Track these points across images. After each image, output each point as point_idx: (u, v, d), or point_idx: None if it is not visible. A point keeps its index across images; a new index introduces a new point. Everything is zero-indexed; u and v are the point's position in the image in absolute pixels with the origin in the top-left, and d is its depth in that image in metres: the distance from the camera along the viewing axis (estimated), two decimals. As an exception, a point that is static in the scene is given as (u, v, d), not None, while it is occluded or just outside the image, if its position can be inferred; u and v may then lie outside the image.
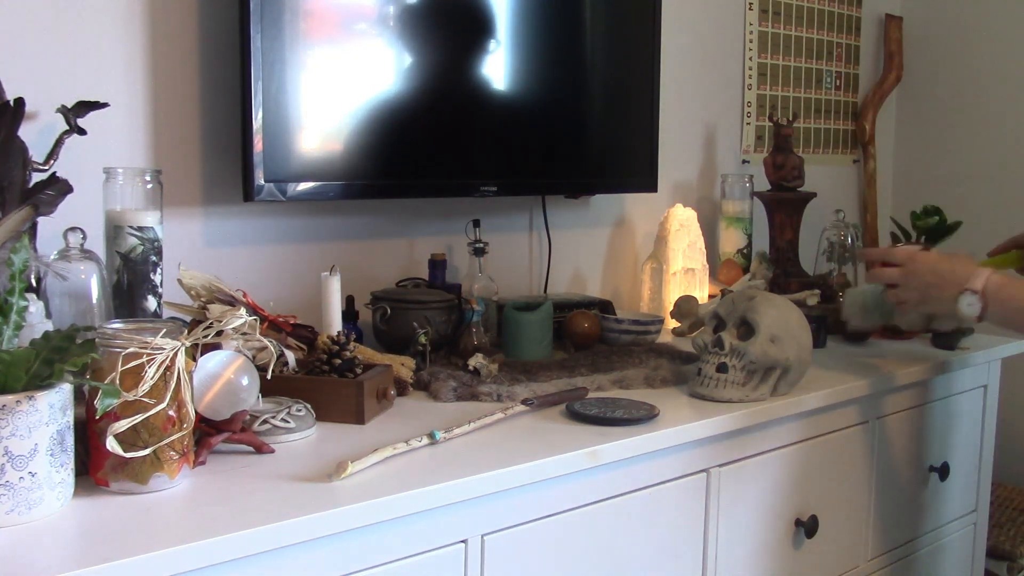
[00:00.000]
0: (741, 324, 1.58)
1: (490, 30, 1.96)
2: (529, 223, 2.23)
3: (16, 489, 1.00)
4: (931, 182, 3.07)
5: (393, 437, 1.28)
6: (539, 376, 1.64)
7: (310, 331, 1.56)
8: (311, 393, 1.40)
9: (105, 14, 1.59)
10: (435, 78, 1.86)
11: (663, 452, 1.44)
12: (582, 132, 2.14)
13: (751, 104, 2.71)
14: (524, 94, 2.03)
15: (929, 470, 1.97)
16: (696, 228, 2.29)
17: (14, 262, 1.08)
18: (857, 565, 1.85)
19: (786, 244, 2.42)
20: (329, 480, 1.16)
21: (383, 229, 1.97)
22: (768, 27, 2.73)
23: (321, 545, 1.09)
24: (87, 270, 1.33)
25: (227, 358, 1.23)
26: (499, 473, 1.23)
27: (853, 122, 3.04)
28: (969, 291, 1.47)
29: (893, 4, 3.11)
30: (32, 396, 1.01)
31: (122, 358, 1.07)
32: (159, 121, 1.66)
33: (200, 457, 1.19)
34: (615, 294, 2.38)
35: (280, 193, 1.66)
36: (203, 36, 1.70)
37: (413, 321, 1.71)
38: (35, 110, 1.49)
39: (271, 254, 1.81)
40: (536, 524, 1.30)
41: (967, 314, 1.47)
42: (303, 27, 1.67)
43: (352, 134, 1.75)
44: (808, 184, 2.45)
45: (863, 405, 1.78)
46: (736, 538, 1.59)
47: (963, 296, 1.47)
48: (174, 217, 1.66)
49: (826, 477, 1.75)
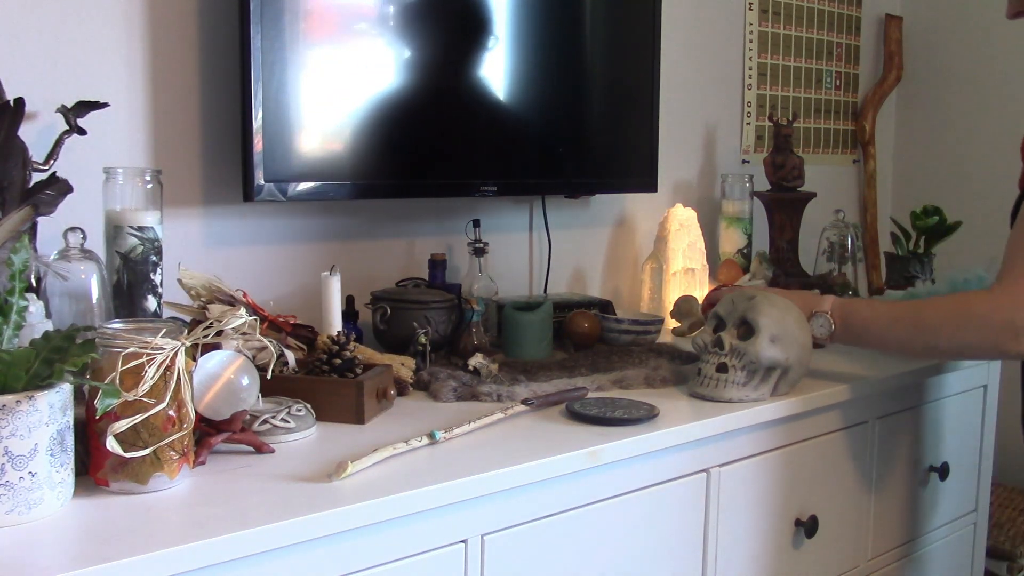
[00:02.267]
0: (741, 324, 1.58)
1: (490, 30, 1.96)
2: (529, 223, 2.23)
3: (16, 489, 1.00)
4: (931, 182, 3.07)
5: (393, 437, 1.28)
6: (539, 376, 1.64)
7: (310, 331, 1.56)
8: (311, 393, 1.40)
9: (105, 14, 1.59)
10: (435, 78, 1.86)
11: (663, 452, 1.44)
12: (582, 132, 2.14)
13: (751, 104, 2.71)
14: (524, 94, 2.03)
15: (929, 470, 1.97)
16: (696, 228, 2.29)
17: (14, 262, 1.08)
18: (857, 565, 1.85)
19: (786, 244, 2.42)
20: (329, 480, 1.16)
21: (383, 229, 1.97)
22: (768, 27, 2.73)
23: (321, 545, 1.09)
24: (87, 270, 1.33)
25: (227, 358, 1.23)
26: (499, 473, 1.23)
27: (853, 122, 3.04)
28: (819, 312, 1.61)
29: (893, 4, 3.12)
30: (32, 396, 1.01)
31: (122, 358, 1.07)
32: (159, 121, 1.66)
33: (200, 457, 1.19)
34: (615, 294, 2.38)
35: (280, 193, 1.66)
36: (203, 36, 1.70)
37: (413, 321, 1.71)
38: (35, 110, 1.49)
39: (271, 254, 1.82)
40: (536, 524, 1.30)
41: (820, 334, 1.62)
42: (303, 27, 1.67)
43: (352, 134, 1.75)
44: (808, 184, 2.45)
45: (863, 405, 1.78)
46: (736, 538, 1.59)
47: (815, 318, 1.62)
48: (174, 217, 1.66)
49: (826, 477, 1.75)
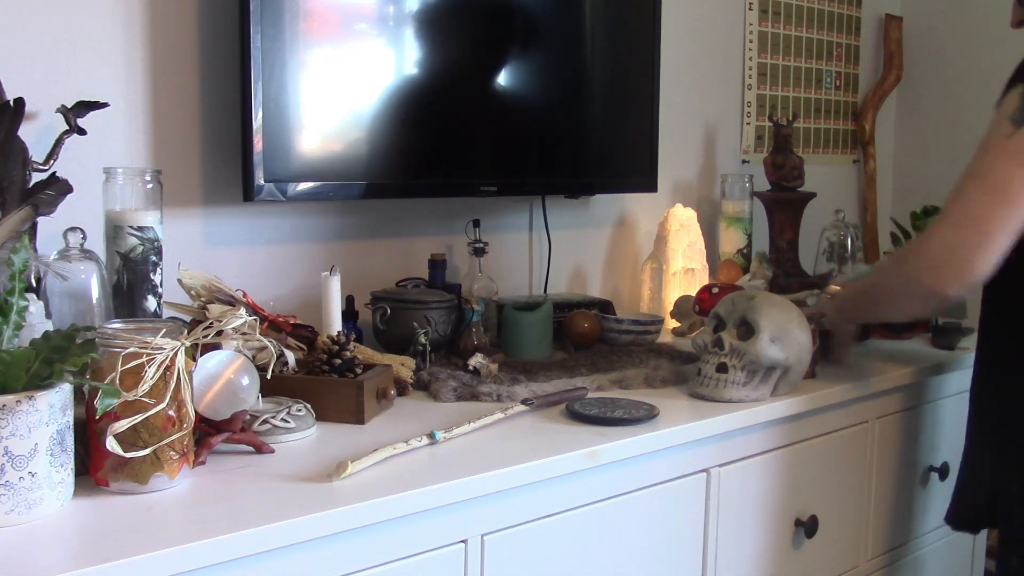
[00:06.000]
0: (741, 324, 1.58)
1: (490, 30, 1.96)
2: (529, 223, 2.23)
3: (16, 489, 1.00)
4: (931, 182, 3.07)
5: (393, 437, 1.29)
6: (539, 376, 1.64)
7: (310, 331, 1.56)
8: (311, 393, 1.40)
9: (105, 14, 1.59)
10: (435, 78, 1.86)
11: (663, 452, 1.44)
12: (582, 132, 2.14)
13: (751, 104, 2.71)
14: (524, 94, 2.03)
15: (929, 470, 1.97)
16: (696, 228, 2.29)
17: (14, 262, 1.08)
18: (857, 565, 1.85)
19: (786, 244, 2.42)
20: (329, 480, 1.16)
21: (383, 229, 1.97)
22: (768, 27, 2.73)
23: (321, 545, 1.09)
24: (87, 270, 1.33)
25: (227, 358, 1.23)
26: (499, 473, 1.23)
27: (853, 122, 3.04)
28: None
29: (893, 4, 3.11)
30: (32, 396, 1.01)
31: (122, 358, 1.07)
32: (159, 121, 1.66)
33: (200, 457, 1.19)
34: (615, 294, 2.38)
35: (280, 193, 1.66)
36: (203, 36, 1.70)
37: (413, 321, 1.71)
38: (35, 110, 1.49)
39: (271, 254, 1.81)
40: (536, 524, 1.30)
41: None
42: (303, 27, 1.67)
43: (352, 134, 1.75)
44: (808, 184, 2.45)
45: (863, 405, 1.78)
46: (736, 538, 1.59)
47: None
48: (174, 217, 1.66)
49: (826, 477, 1.75)
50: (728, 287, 2.05)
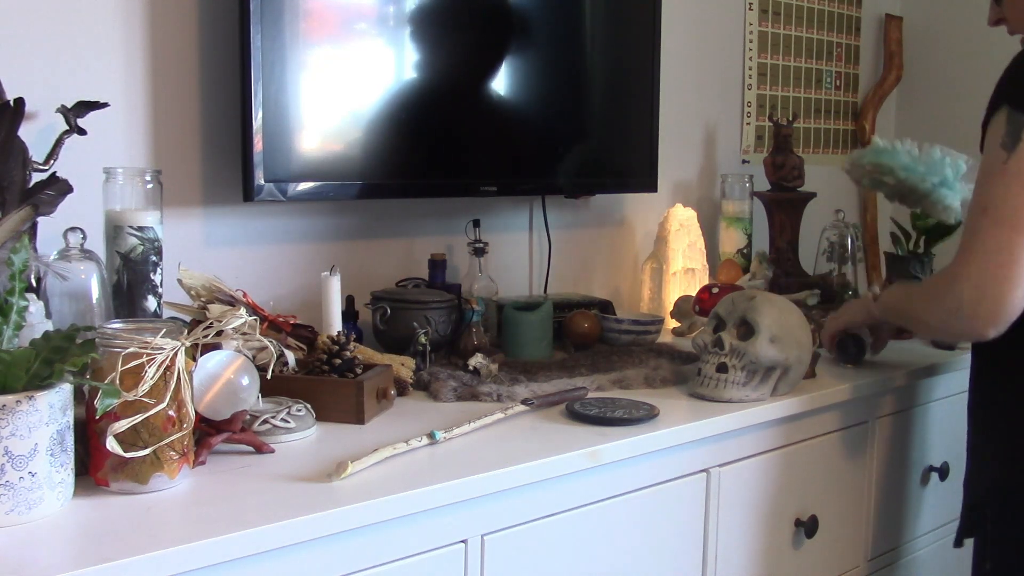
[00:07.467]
0: (741, 324, 1.58)
1: (490, 30, 1.96)
2: (529, 223, 2.23)
3: (16, 489, 1.00)
4: (931, 182, 3.07)
5: (393, 437, 1.28)
6: (539, 376, 1.64)
7: (310, 331, 1.56)
8: (311, 393, 1.40)
9: (105, 14, 1.59)
10: (435, 78, 1.86)
11: (663, 452, 1.44)
12: (582, 132, 2.14)
13: (751, 104, 2.71)
14: (524, 94, 2.03)
15: (929, 470, 1.97)
16: (696, 228, 2.29)
17: (14, 262, 1.08)
18: (857, 565, 1.85)
19: (786, 244, 2.42)
20: (329, 480, 1.16)
21: (383, 229, 1.97)
22: (768, 27, 2.73)
23: (321, 545, 1.09)
24: (87, 270, 1.33)
25: (227, 358, 1.23)
26: (499, 473, 1.23)
27: (853, 122, 3.04)
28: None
29: (893, 4, 3.12)
30: (32, 396, 1.01)
31: (122, 358, 1.07)
32: (159, 121, 1.66)
33: (200, 457, 1.19)
34: (615, 294, 2.38)
35: (280, 193, 1.66)
36: (203, 36, 1.70)
37: (413, 321, 1.71)
38: (35, 110, 1.48)
39: (271, 254, 1.81)
40: (536, 524, 1.30)
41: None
42: (303, 27, 1.67)
43: (352, 134, 1.75)
44: (808, 184, 2.45)
45: (863, 405, 1.78)
46: (736, 538, 1.59)
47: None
48: (174, 217, 1.66)
49: (826, 477, 1.75)
50: (728, 287, 2.05)
